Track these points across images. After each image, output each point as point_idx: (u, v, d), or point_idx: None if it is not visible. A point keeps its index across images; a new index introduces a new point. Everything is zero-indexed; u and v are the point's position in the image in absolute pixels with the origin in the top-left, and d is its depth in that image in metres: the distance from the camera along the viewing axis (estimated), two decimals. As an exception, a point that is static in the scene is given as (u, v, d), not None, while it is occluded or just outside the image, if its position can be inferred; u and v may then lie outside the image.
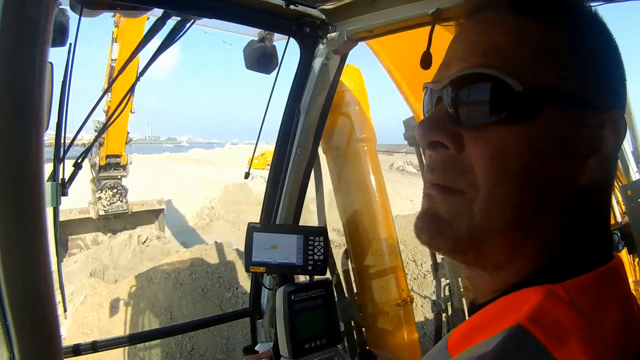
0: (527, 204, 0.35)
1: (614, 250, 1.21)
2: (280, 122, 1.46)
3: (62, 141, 0.98)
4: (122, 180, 8.47)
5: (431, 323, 3.05)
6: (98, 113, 6.71)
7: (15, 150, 0.41)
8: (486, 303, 0.38)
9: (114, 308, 4.58)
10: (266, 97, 1.33)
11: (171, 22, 1.06)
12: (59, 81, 0.93)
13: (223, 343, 4.28)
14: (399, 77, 1.69)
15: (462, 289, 1.84)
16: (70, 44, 0.95)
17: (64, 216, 7.69)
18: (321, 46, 1.32)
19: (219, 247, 5.55)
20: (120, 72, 2.47)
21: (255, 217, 1.68)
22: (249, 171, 1.42)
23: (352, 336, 1.77)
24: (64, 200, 1.00)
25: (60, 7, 0.97)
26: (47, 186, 0.95)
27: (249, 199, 12.01)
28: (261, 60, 1.31)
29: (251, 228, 1.33)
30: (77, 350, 1.29)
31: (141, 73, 1.21)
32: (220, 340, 4.28)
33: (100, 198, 8.17)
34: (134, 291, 4.76)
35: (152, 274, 4.94)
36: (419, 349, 1.84)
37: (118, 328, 4.37)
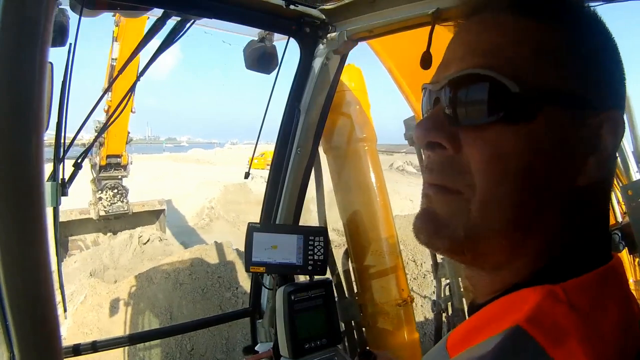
0: (525, 204, 0.35)
1: (615, 250, 1.21)
2: (280, 122, 1.46)
3: (62, 141, 0.98)
4: (123, 180, 8.44)
5: (431, 323, 3.05)
6: (98, 113, 6.71)
7: (15, 150, 0.41)
8: (486, 303, 0.38)
9: (114, 308, 4.58)
10: (266, 97, 1.34)
11: (171, 22, 1.07)
12: (59, 81, 0.93)
13: (223, 343, 4.28)
14: (400, 77, 1.69)
15: (463, 289, 1.84)
16: (70, 44, 0.95)
17: (64, 217, 7.64)
18: (321, 46, 1.32)
19: (219, 247, 5.55)
20: (120, 72, 2.48)
21: (255, 217, 1.68)
22: (249, 171, 1.42)
23: (353, 336, 1.77)
24: (64, 201, 1.00)
25: (60, 7, 0.97)
26: (47, 186, 0.95)
27: (249, 199, 12.01)
28: (261, 60, 1.31)
29: (251, 228, 1.33)
30: (77, 350, 1.30)
31: (141, 73, 1.21)
32: (220, 340, 4.28)
33: (100, 198, 8.13)
34: (134, 291, 4.76)
35: (152, 274, 4.94)
36: (420, 349, 1.84)
37: (118, 328, 4.37)
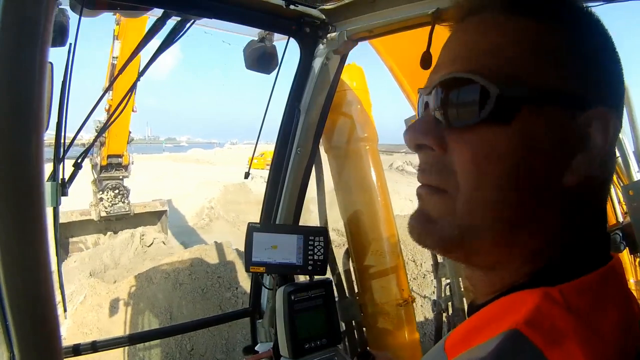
0: (512, 203, 0.35)
1: (616, 250, 1.21)
2: (280, 122, 1.46)
3: (62, 141, 0.98)
4: (124, 180, 8.38)
5: (431, 323, 3.05)
6: (98, 112, 6.71)
7: (15, 150, 0.41)
8: (485, 303, 0.38)
9: (114, 308, 4.59)
10: (266, 97, 1.34)
11: (171, 22, 1.07)
12: (59, 81, 0.93)
13: (223, 343, 4.28)
14: (401, 76, 1.69)
15: (463, 289, 1.84)
16: (70, 44, 0.95)
17: (65, 218, 7.57)
18: (321, 46, 1.32)
19: (219, 247, 5.56)
20: (121, 71, 2.48)
21: (255, 217, 1.67)
22: (249, 171, 1.42)
23: (353, 336, 1.77)
24: (65, 202, 1.00)
25: (60, 7, 0.97)
26: (47, 186, 0.95)
27: (249, 199, 12.00)
28: (261, 60, 1.31)
29: (251, 228, 1.33)
30: (77, 350, 1.30)
31: (141, 73, 1.21)
32: (220, 340, 4.28)
33: (101, 199, 8.08)
34: (134, 291, 4.76)
35: (152, 274, 4.94)
36: (420, 349, 1.84)
37: (118, 328, 4.38)
